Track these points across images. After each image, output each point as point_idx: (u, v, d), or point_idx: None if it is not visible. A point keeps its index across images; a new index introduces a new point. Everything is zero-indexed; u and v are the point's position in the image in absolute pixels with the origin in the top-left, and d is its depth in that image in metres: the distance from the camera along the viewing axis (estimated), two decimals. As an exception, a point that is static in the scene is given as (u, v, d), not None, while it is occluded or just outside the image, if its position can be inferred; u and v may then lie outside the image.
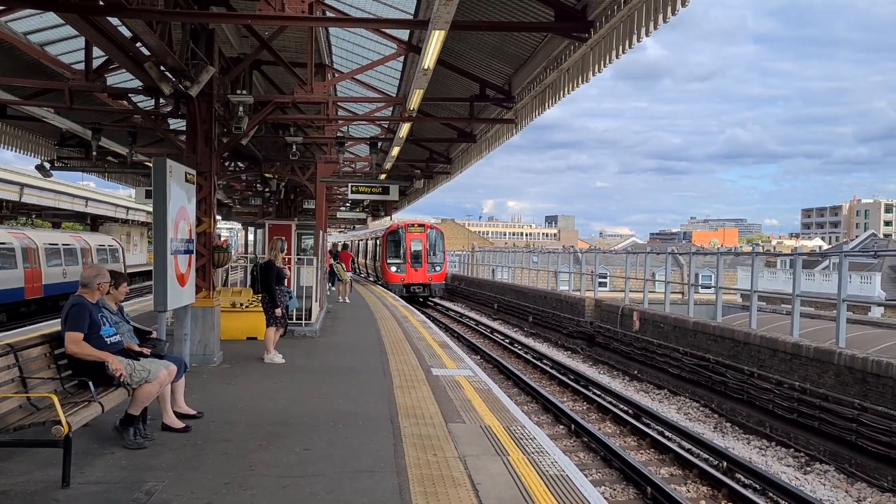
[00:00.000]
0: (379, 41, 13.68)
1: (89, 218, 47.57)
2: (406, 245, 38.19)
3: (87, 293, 6.69)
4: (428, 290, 38.49)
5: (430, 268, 38.61)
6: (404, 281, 37.54)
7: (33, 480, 5.58)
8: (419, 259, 38.29)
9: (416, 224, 40.43)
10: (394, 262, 38.27)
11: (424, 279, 38.20)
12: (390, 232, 39.18)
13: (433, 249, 39.10)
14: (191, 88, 9.77)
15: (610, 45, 9.73)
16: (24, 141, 18.17)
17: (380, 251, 40.24)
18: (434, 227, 40.83)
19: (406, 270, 37.95)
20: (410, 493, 5.46)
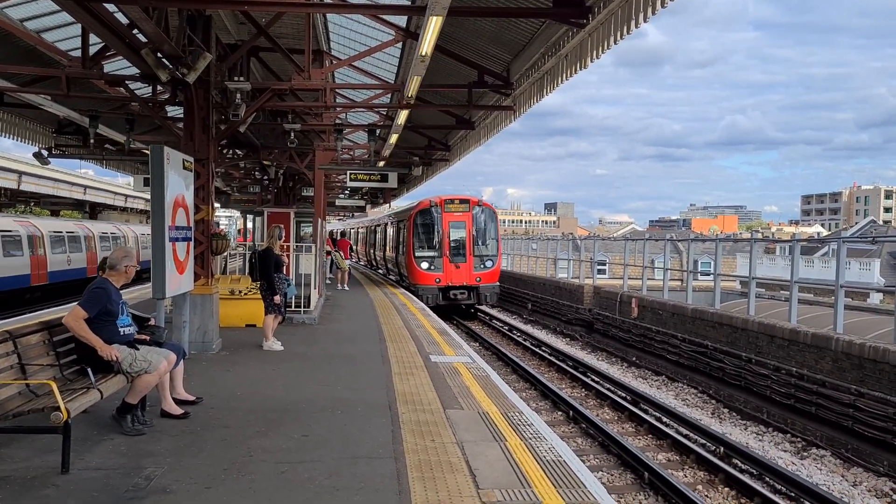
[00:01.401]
0: (377, 27, 13.62)
1: (88, 206, 47.51)
2: (443, 230, 25.46)
3: (114, 276, 6.74)
4: (475, 296, 25.62)
5: (479, 263, 25.49)
6: (441, 282, 25.16)
7: (33, 466, 5.61)
8: (462, 250, 25.48)
9: (457, 199, 26.20)
10: (425, 255, 25.53)
11: (470, 279, 25.40)
12: (419, 212, 26.06)
13: (482, 235, 25.99)
14: (188, 75, 9.74)
15: (608, 31, 9.70)
16: (22, 128, 18.12)
17: (404, 240, 27.09)
18: (482, 204, 26.56)
19: (443, 268, 25.29)
20: (408, 478, 5.49)
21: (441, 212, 25.63)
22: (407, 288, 26.36)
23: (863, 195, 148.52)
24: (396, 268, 30.09)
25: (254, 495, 5.12)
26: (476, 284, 25.43)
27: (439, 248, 25.50)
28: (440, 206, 25.72)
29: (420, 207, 26.26)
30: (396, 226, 30.35)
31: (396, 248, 29.71)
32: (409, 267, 25.99)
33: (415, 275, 25.59)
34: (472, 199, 26.35)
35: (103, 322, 6.42)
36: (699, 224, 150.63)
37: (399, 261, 28.75)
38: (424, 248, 25.70)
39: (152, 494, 5.08)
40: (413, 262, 25.61)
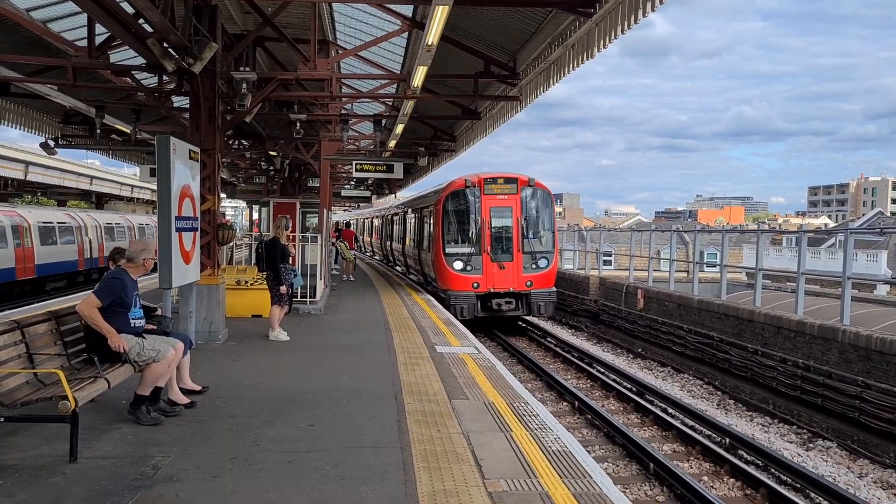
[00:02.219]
0: (383, 17, 13.58)
1: (94, 196, 47.64)
2: (482, 219, 19.11)
3: (132, 268, 6.76)
4: (524, 305, 19.24)
5: (530, 262, 19.23)
6: (479, 288, 18.93)
7: (41, 455, 5.64)
8: (508, 245, 19.16)
9: (501, 178, 19.65)
10: (458, 252, 19.32)
11: (518, 284, 19.01)
12: (451, 195, 19.66)
13: (534, 225, 19.56)
14: (194, 65, 9.73)
15: (615, 21, 9.65)
16: (29, 119, 18.15)
17: (430, 232, 21.00)
18: (534, 183, 19.75)
19: (483, 269, 18.99)
20: (414, 468, 5.51)
21: (480, 194, 19.06)
22: (434, 294, 20.16)
23: (870, 186, 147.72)
24: (419, 266, 23.54)
25: (261, 484, 5.15)
26: (526, 290, 18.76)
27: (477, 243, 18.94)
28: (478, 186, 19.10)
29: (451, 189, 19.51)
30: (419, 213, 23.49)
31: (419, 241, 23.16)
32: (437, 267, 19.54)
33: (444, 277, 19.14)
34: (520, 177, 19.30)
35: (115, 312, 6.44)
36: (705, 215, 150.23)
37: (423, 258, 22.37)
38: (457, 242, 19.31)
39: (160, 483, 5.11)
40: (442, 260, 19.08)
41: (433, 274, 20.57)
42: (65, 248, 30.10)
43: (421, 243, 23.00)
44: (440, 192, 20.32)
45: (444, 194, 19.62)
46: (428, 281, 22.35)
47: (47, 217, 29.95)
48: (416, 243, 24.29)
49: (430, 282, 21.93)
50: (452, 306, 18.05)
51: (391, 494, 4.99)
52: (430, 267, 20.72)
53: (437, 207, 19.67)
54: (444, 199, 19.50)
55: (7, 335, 5.80)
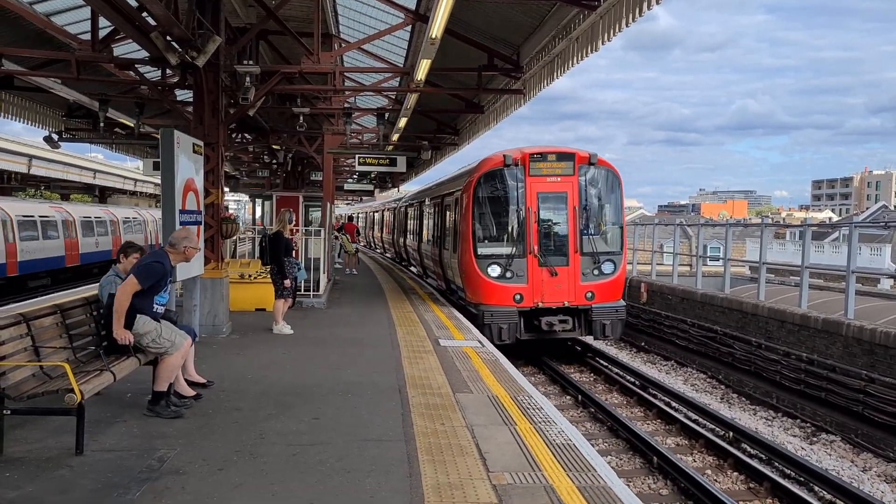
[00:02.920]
0: (386, 10, 13.56)
1: (97, 190, 47.70)
2: (527, 208, 14.32)
3: (173, 254, 6.80)
4: (583, 324, 14.51)
5: (590, 267, 14.44)
6: (523, 301, 14.15)
7: (48, 447, 5.67)
8: (561, 244, 14.54)
9: (552, 153, 14.63)
10: (493, 253, 14.55)
11: (575, 296, 14.29)
12: (485, 177, 14.75)
13: (597, 217, 14.98)
14: (197, 59, 9.73)
15: (619, 14, 9.64)
16: (32, 112, 18.14)
17: (456, 227, 16.14)
18: (596, 161, 14.64)
19: (527, 275, 14.27)
20: (419, 461, 5.52)
21: (524, 176, 14.11)
22: (461, 308, 15.59)
23: (874, 180, 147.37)
24: (440, 269, 18.58)
25: (266, 477, 5.16)
26: (586, 304, 14.07)
27: (520, 242, 14.10)
28: (522, 163, 14.17)
29: (485, 168, 14.62)
30: (441, 203, 18.42)
31: (440, 239, 18.18)
32: (466, 272, 14.73)
33: (476, 287, 14.37)
34: (578, 152, 14.37)
35: (143, 294, 6.45)
36: (709, 209, 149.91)
37: (445, 260, 17.39)
38: (493, 240, 14.58)
39: (166, 475, 5.12)
40: (472, 264, 14.31)
41: (459, 281, 15.44)
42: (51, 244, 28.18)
43: (443, 241, 17.81)
44: (470, 173, 15.21)
45: (475, 176, 14.48)
46: (451, 289, 17.30)
47: (29, 210, 27.75)
48: (435, 241, 19.05)
49: (454, 290, 16.84)
50: (486, 326, 13.37)
51: (396, 487, 5.00)
52: (456, 272, 15.70)
53: (467, 194, 14.61)
54: (476, 182, 14.37)
55: (13, 328, 5.82)
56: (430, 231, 20.72)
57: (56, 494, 4.78)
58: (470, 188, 14.55)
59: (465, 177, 15.62)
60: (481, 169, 14.75)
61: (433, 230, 20.07)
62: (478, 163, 15.54)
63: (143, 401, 6.76)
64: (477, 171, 14.84)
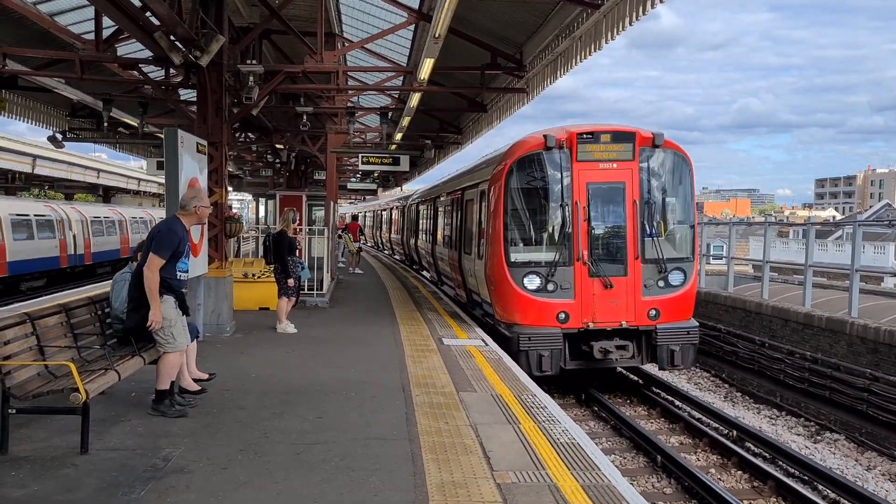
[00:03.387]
0: (389, 9, 13.57)
1: (101, 189, 47.74)
2: (574, 203, 11.23)
3: (185, 216, 6.76)
4: (645, 350, 11.43)
5: (654, 277, 11.36)
6: (568, 321, 11.12)
7: (53, 446, 5.69)
8: (617, 248, 11.46)
9: (607, 132, 11.38)
10: (530, 259, 11.46)
11: (635, 314, 11.23)
12: (519, 163, 11.51)
13: (662, 213, 11.72)
14: (201, 58, 9.75)
15: (623, 13, 9.64)
16: (36, 112, 18.18)
17: (480, 226, 12.95)
18: (662, 144, 11.47)
19: (574, 287, 11.20)
20: (423, 460, 5.52)
21: (570, 161, 11.27)
22: (489, 328, 12.48)
23: (877, 178, 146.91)
24: (459, 277, 15.34)
25: (270, 475, 5.17)
26: (649, 324, 11.25)
27: (564, 245, 11.27)
28: (567, 146, 11.28)
29: (521, 152, 11.62)
30: (460, 198, 15.35)
31: (461, 241, 15.09)
32: (495, 283, 11.78)
33: (508, 301, 11.54)
34: (639, 131, 11.48)
35: (166, 264, 6.43)
36: (712, 207, 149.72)
37: (467, 267, 14.33)
38: (529, 242, 11.73)
39: (170, 474, 5.14)
40: (504, 273, 11.41)
41: (485, 293, 12.50)
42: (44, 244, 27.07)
43: (463, 243, 14.74)
44: (499, 160, 12.11)
45: (507, 163, 11.47)
46: (473, 300, 14.30)
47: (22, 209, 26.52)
48: (454, 243, 15.90)
49: (476, 303, 13.87)
50: (522, 353, 10.70)
51: (400, 486, 5.01)
52: (481, 282, 12.63)
53: (496, 186, 11.74)
54: (508, 171, 11.40)
55: (18, 327, 5.84)
56: (447, 232, 17.52)
57: (61, 493, 4.80)
58: (500, 178, 11.50)
59: (493, 165, 12.35)
60: (515, 153, 11.55)
61: (451, 230, 16.71)
62: (509, 146, 12.19)
63: (148, 400, 6.78)
64: (509, 156, 11.61)
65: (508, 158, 11.57)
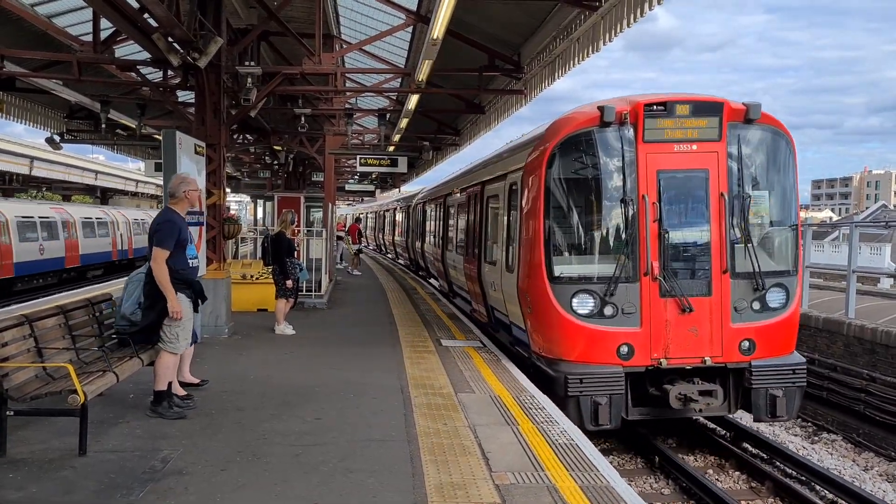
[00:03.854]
0: (387, 11, 13.57)
1: (99, 191, 47.72)
2: (639, 197, 8.32)
3: (177, 204, 6.76)
4: (736, 394, 8.57)
5: (746, 297, 8.47)
6: (632, 357, 8.22)
7: (51, 448, 5.68)
8: (698, 258, 8.53)
9: (685, 102, 8.39)
10: (579, 274, 8.56)
11: (722, 347, 8.32)
12: (565, 144, 8.54)
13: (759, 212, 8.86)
14: (199, 60, 9.76)
15: (620, 15, 9.66)
16: (34, 113, 18.18)
17: (510, 229, 10.11)
18: (757, 119, 8.57)
19: (639, 311, 8.28)
20: (421, 461, 5.53)
21: (634, 141, 8.47)
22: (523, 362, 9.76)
23: (874, 179, 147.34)
24: (478, 290, 12.49)
25: (269, 477, 5.18)
26: (741, 360, 8.49)
27: (627, 254, 8.47)
28: (633, 121, 8.46)
29: (567, 131, 8.70)
30: (479, 194, 12.70)
31: (479, 247, 12.36)
32: (533, 304, 8.92)
33: (550, 329, 8.71)
34: (727, 102, 8.60)
35: (174, 254, 6.47)
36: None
37: (488, 279, 11.54)
38: (579, 250, 8.96)
39: (169, 476, 5.14)
40: (546, 292, 8.56)
41: (517, 315, 9.64)
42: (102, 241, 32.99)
43: (484, 250, 11.98)
44: (537, 143, 9.23)
45: (548, 146, 8.69)
46: (495, 321, 11.57)
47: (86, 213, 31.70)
48: (471, 249, 13.01)
49: (502, 325, 11.03)
50: (571, 399, 8.11)
51: (399, 487, 5.01)
52: (512, 300, 9.81)
53: (534, 177, 8.91)
54: (550, 156, 8.63)
55: (16, 329, 5.84)
56: (462, 235, 14.45)
57: (59, 495, 4.80)
58: (539, 167, 8.68)
59: (528, 150, 9.44)
60: (559, 133, 8.69)
61: (467, 234, 13.74)
62: (550, 124, 9.30)
63: (146, 401, 6.78)
64: (551, 136, 8.80)
65: (550, 140, 8.67)
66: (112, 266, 35.42)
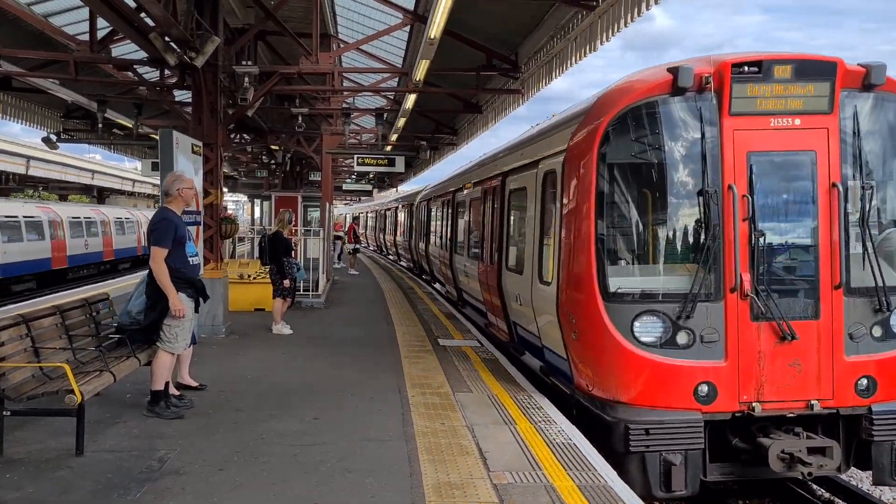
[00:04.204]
0: (384, 10, 13.57)
1: (96, 190, 47.63)
2: (723, 188, 6.29)
3: (171, 202, 6.76)
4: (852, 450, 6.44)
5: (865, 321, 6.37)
6: (715, 402, 6.17)
7: (48, 448, 5.67)
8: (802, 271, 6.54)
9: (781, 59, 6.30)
10: (642, 289, 6.46)
11: (833, 390, 6.25)
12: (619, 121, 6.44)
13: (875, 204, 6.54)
14: (196, 59, 9.74)
15: (618, 14, 9.66)
16: (30, 113, 18.15)
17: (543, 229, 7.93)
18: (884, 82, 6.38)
19: (725, 339, 6.22)
20: (419, 461, 5.52)
21: (718, 112, 6.36)
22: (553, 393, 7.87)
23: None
24: (500, 301, 10.25)
25: (267, 477, 5.17)
26: (859, 404, 6.34)
27: (708, 263, 6.27)
28: (716, 84, 6.33)
29: (627, 101, 6.50)
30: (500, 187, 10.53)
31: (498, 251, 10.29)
32: (580, 328, 6.73)
33: (603, 360, 6.56)
34: (840, 61, 6.38)
35: (174, 253, 6.47)
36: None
37: (511, 290, 9.40)
38: (639, 256, 6.81)
39: (166, 476, 5.13)
40: (597, 310, 6.43)
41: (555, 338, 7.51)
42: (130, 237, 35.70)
43: (506, 255, 10.01)
44: (585, 118, 7.08)
45: (603, 121, 6.62)
46: (522, 341, 9.54)
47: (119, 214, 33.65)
48: (489, 253, 10.96)
49: (530, 347, 9.11)
50: (634, 455, 6.19)
51: (397, 487, 5.00)
52: (550, 320, 7.60)
53: (581, 162, 6.85)
54: (605, 133, 6.59)
55: (12, 329, 5.82)
56: (475, 236, 12.59)
57: (56, 495, 4.78)
58: (589, 150, 6.64)
59: (571, 129, 7.29)
60: (617, 103, 6.63)
61: (481, 235, 11.81)
62: (601, 94, 7.22)
63: (143, 401, 6.77)
64: (605, 108, 6.73)
65: (604, 113, 6.61)
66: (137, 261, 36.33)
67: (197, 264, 6.80)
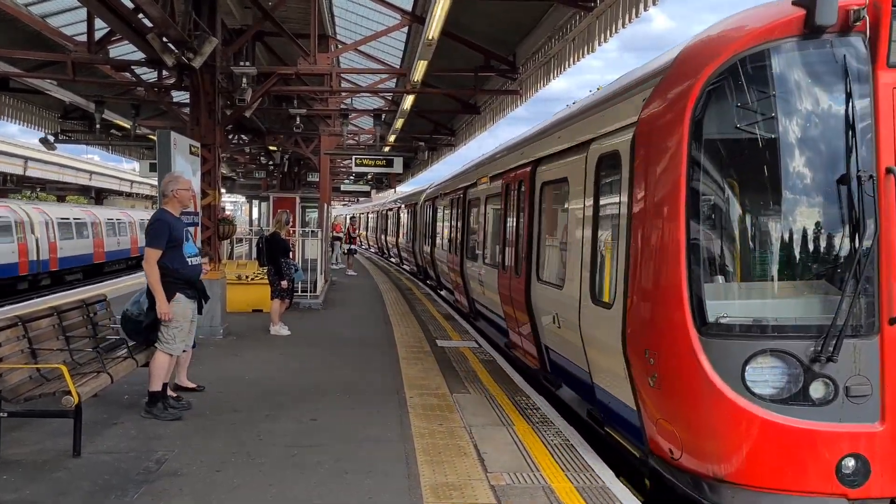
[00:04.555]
0: (382, 11, 13.57)
1: (94, 191, 47.60)
2: (878, 167, 4.26)
3: (167, 203, 6.74)
4: None
5: None
6: (867, 480, 4.24)
7: (45, 450, 5.65)
8: None
9: None
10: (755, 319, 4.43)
11: None
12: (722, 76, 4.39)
13: None
14: (194, 60, 9.72)
15: (616, 15, 9.67)
16: (28, 114, 18.14)
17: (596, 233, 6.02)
18: None
19: (880, 391, 4.26)
20: (417, 462, 5.52)
21: (871, 61, 4.35)
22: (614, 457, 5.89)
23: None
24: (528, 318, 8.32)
25: (264, 478, 5.16)
26: None
27: (858, 283, 4.28)
28: (874, 18, 4.26)
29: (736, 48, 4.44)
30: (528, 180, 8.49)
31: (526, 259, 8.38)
32: (672, 375, 4.65)
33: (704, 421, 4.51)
34: None
35: (170, 250, 6.46)
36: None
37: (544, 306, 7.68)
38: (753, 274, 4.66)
39: (164, 477, 5.12)
40: (693, 353, 4.44)
41: (622, 381, 5.36)
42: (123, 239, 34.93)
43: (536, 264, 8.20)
44: (662, 78, 5.03)
45: (698, 79, 4.53)
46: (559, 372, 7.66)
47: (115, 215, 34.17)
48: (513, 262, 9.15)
49: (573, 382, 7.13)
50: None
51: (395, 488, 5.00)
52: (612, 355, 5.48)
53: (663, 138, 4.76)
54: (701, 94, 4.49)
55: (9, 330, 5.81)
56: (494, 240, 10.83)
57: (53, 497, 4.77)
58: (678, 122, 4.65)
59: (642, 94, 5.33)
60: (718, 53, 4.57)
61: (503, 238, 9.88)
62: (692, 42, 5.05)
63: (141, 402, 6.76)
64: (701, 61, 4.68)
65: (701, 67, 4.64)
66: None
67: (197, 265, 6.78)
